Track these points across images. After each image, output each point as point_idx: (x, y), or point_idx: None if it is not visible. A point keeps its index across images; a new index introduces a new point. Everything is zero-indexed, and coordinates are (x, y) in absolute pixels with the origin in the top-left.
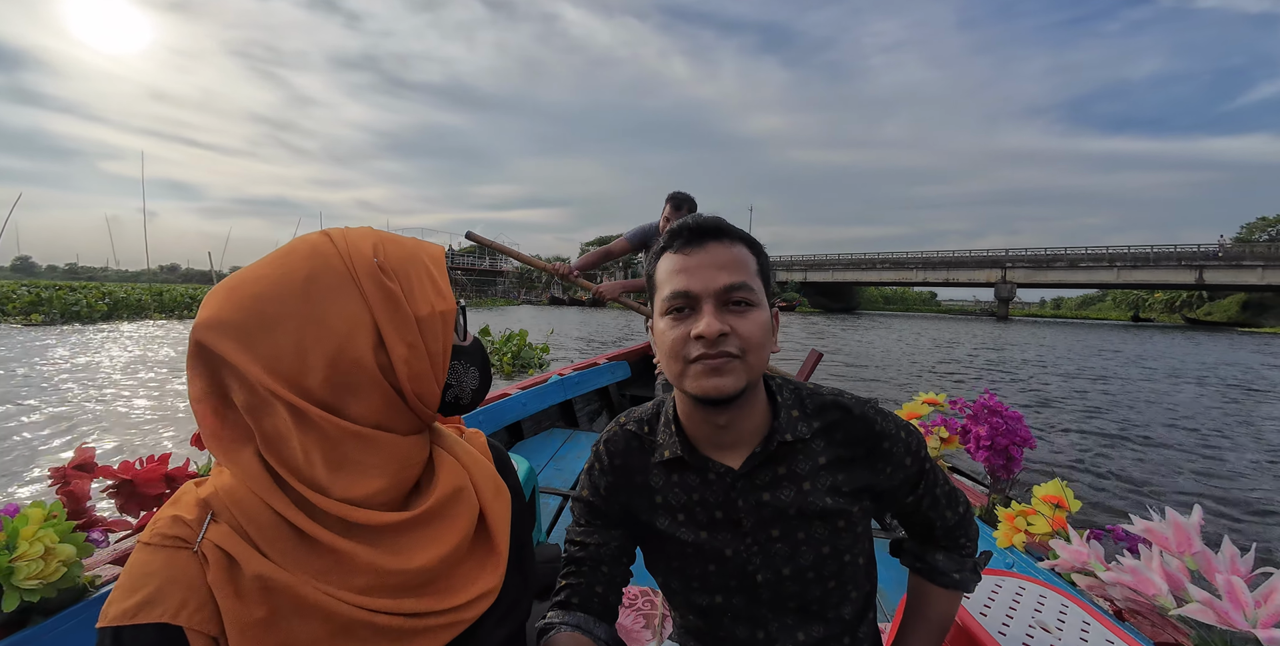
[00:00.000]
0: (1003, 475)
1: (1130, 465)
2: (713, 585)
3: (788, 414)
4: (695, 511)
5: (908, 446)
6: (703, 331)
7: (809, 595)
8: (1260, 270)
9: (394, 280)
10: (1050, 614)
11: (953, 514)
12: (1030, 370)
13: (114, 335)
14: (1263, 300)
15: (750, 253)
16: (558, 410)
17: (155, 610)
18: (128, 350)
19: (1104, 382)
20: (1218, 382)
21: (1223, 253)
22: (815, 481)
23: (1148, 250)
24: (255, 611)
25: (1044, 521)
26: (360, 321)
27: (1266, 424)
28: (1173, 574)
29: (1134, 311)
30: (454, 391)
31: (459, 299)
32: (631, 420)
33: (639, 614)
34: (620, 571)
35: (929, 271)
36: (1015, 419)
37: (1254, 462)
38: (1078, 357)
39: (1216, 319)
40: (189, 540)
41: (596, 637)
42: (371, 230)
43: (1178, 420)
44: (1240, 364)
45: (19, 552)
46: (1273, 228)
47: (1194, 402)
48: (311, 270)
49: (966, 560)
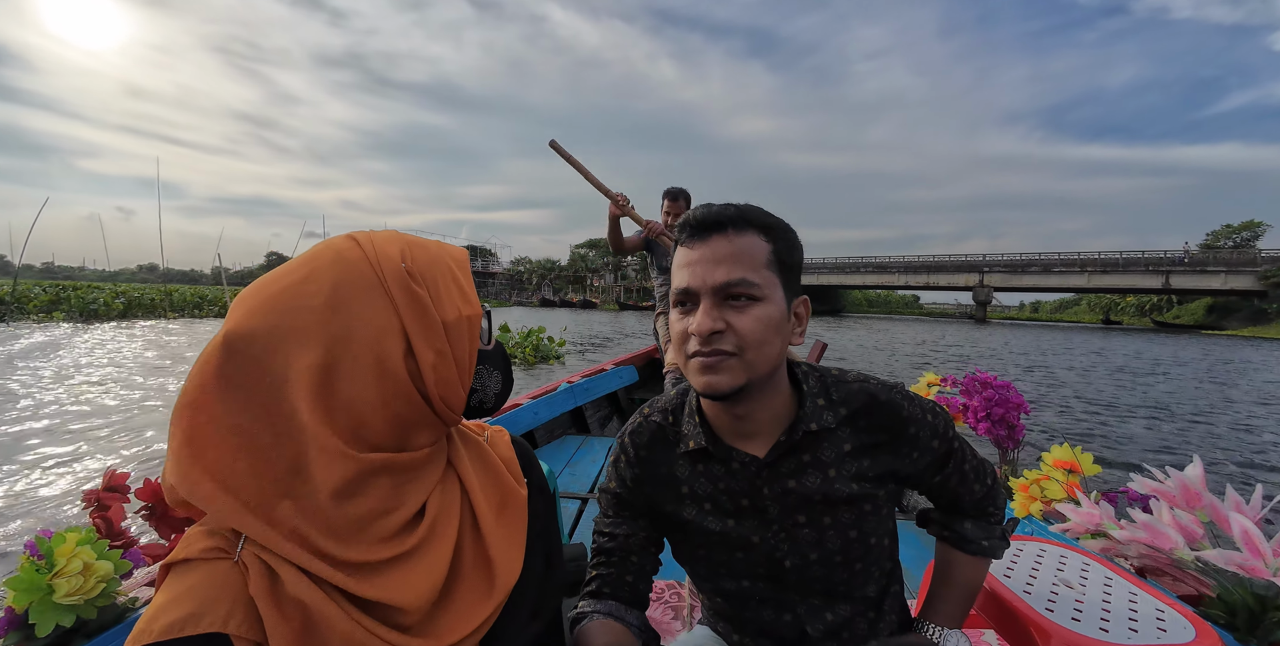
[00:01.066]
0: (1008, 445)
1: (1094, 428)
2: (740, 571)
3: (813, 402)
4: (721, 500)
5: (934, 429)
6: (694, 329)
7: (835, 578)
8: (1223, 275)
9: (422, 286)
10: (1073, 572)
11: (980, 486)
12: (988, 362)
13: (157, 329)
14: (1228, 304)
15: (765, 241)
16: (569, 417)
17: (204, 620)
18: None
19: (1041, 370)
20: (1133, 370)
21: (1188, 258)
22: (840, 468)
23: (1117, 256)
24: (294, 624)
25: (1058, 487)
26: (390, 328)
27: (1168, 398)
28: (1186, 526)
29: (1104, 315)
30: (478, 396)
31: (483, 303)
32: (656, 410)
33: (667, 606)
34: (649, 560)
35: (910, 275)
36: (1005, 387)
37: (1149, 423)
38: (1034, 352)
39: (1184, 322)
40: (229, 550)
41: (629, 624)
42: (397, 234)
43: (1095, 397)
44: (1155, 357)
45: (57, 569)
46: (1237, 234)
47: (1100, 385)
48: (338, 276)
49: (995, 527)
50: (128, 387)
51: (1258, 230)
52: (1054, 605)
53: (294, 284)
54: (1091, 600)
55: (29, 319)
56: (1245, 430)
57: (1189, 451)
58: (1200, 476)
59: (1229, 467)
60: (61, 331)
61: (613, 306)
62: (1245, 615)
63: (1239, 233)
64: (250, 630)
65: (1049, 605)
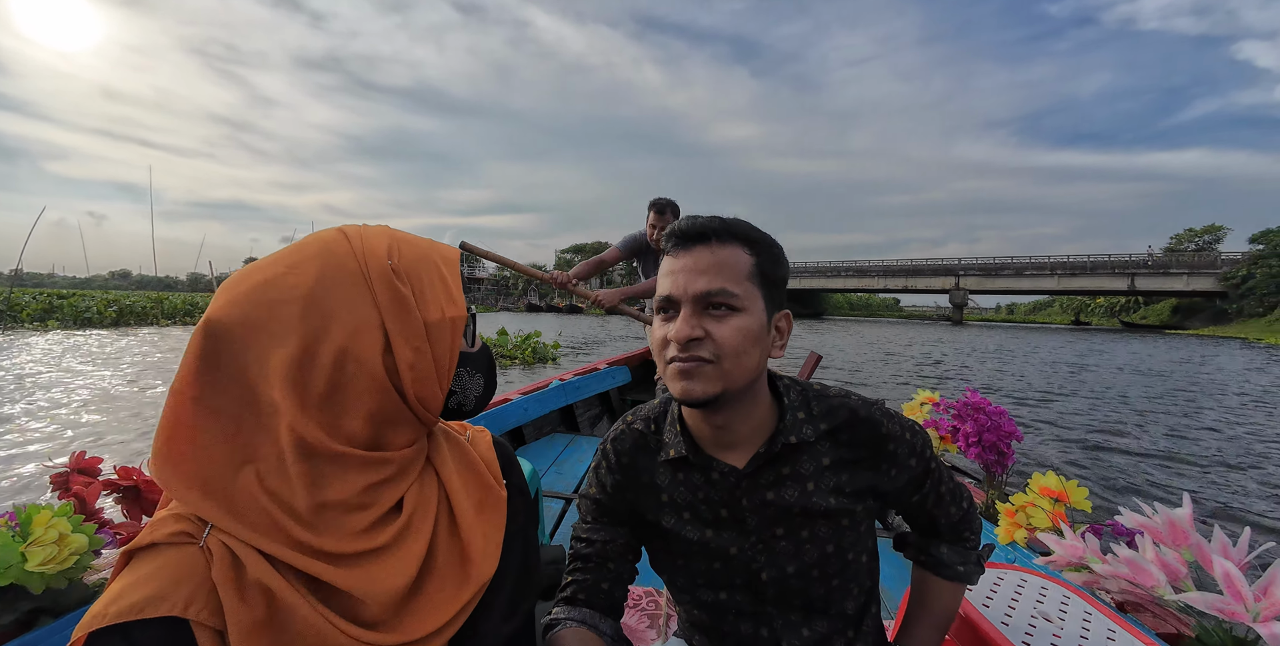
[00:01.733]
0: (997, 470)
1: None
2: (718, 582)
3: (794, 416)
4: (700, 510)
5: (912, 447)
6: (673, 336)
7: (813, 592)
8: (1185, 277)
9: (406, 283)
10: (1052, 605)
11: (957, 509)
12: (955, 358)
13: (158, 336)
14: (1192, 305)
15: (748, 253)
16: (559, 415)
17: (164, 604)
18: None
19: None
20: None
21: (1151, 261)
22: (819, 482)
23: (1085, 259)
24: (256, 612)
25: (1043, 516)
26: (370, 324)
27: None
28: (1170, 564)
29: (1075, 316)
30: (457, 398)
31: (469, 305)
32: (639, 418)
33: (643, 614)
34: (627, 568)
35: (889, 279)
36: (999, 414)
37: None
38: (993, 350)
39: (1150, 322)
40: (195, 536)
41: (602, 633)
42: (387, 229)
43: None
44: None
45: (33, 538)
46: (1199, 238)
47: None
48: (322, 269)
49: (970, 552)
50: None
51: (1219, 234)
52: (1030, 639)
53: (277, 276)
54: (1069, 636)
55: (24, 327)
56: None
57: (1126, 442)
58: (1188, 516)
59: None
60: (89, 338)
61: (598, 311)
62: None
63: (1201, 236)
64: (211, 617)
65: (1026, 638)
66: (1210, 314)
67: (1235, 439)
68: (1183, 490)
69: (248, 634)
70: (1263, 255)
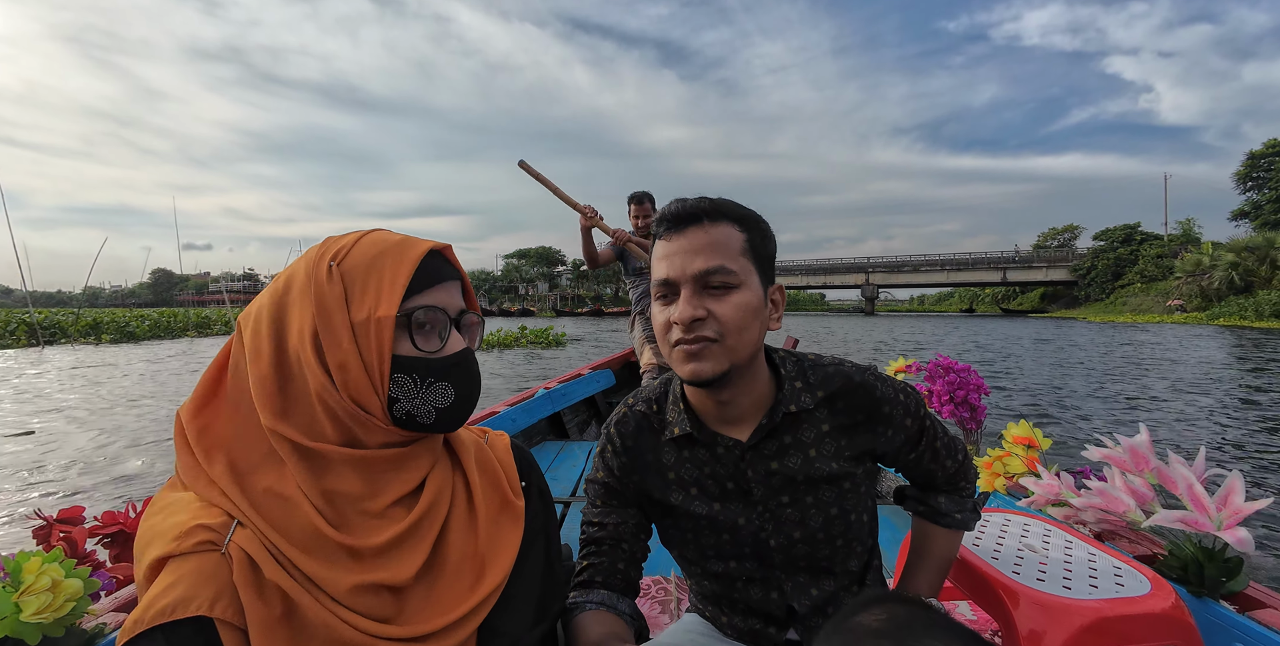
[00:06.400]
0: (971, 426)
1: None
2: (727, 553)
3: (791, 385)
4: (707, 484)
5: (907, 408)
6: (676, 318)
7: (819, 554)
8: (1045, 269)
9: (338, 283)
10: (1036, 538)
11: (952, 462)
12: (872, 340)
13: None
14: (1055, 292)
15: (739, 231)
16: (546, 423)
17: (192, 605)
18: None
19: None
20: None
21: (1018, 257)
22: (820, 448)
23: (968, 256)
24: (274, 610)
25: (1019, 462)
26: (309, 328)
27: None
28: (1138, 489)
29: (969, 305)
30: (403, 406)
31: (435, 306)
32: (640, 400)
33: (654, 601)
34: (640, 547)
35: (810, 276)
36: (965, 370)
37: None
38: (879, 336)
39: (1025, 308)
40: (217, 543)
41: (621, 613)
42: (372, 232)
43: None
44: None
45: (25, 586)
46: (1061, 235)
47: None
48: (291, 275)
49: (967, 500)
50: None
51: (1076, 232)
52: (1020, 568)
53: (273, 289)
54: (1054, 561)
55: (79, 341)
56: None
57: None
58: (1147, 442)
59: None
60: (166, 348)
61: (549, 313)
62: (1195, 569)
63: (1062, 233)
64: (234, 615)
65: (1015, 568)
66: (1068, 300)
67: (1110, 398)
68: (1120, 427)
69: (267, 630)
70: (1102, 250)
